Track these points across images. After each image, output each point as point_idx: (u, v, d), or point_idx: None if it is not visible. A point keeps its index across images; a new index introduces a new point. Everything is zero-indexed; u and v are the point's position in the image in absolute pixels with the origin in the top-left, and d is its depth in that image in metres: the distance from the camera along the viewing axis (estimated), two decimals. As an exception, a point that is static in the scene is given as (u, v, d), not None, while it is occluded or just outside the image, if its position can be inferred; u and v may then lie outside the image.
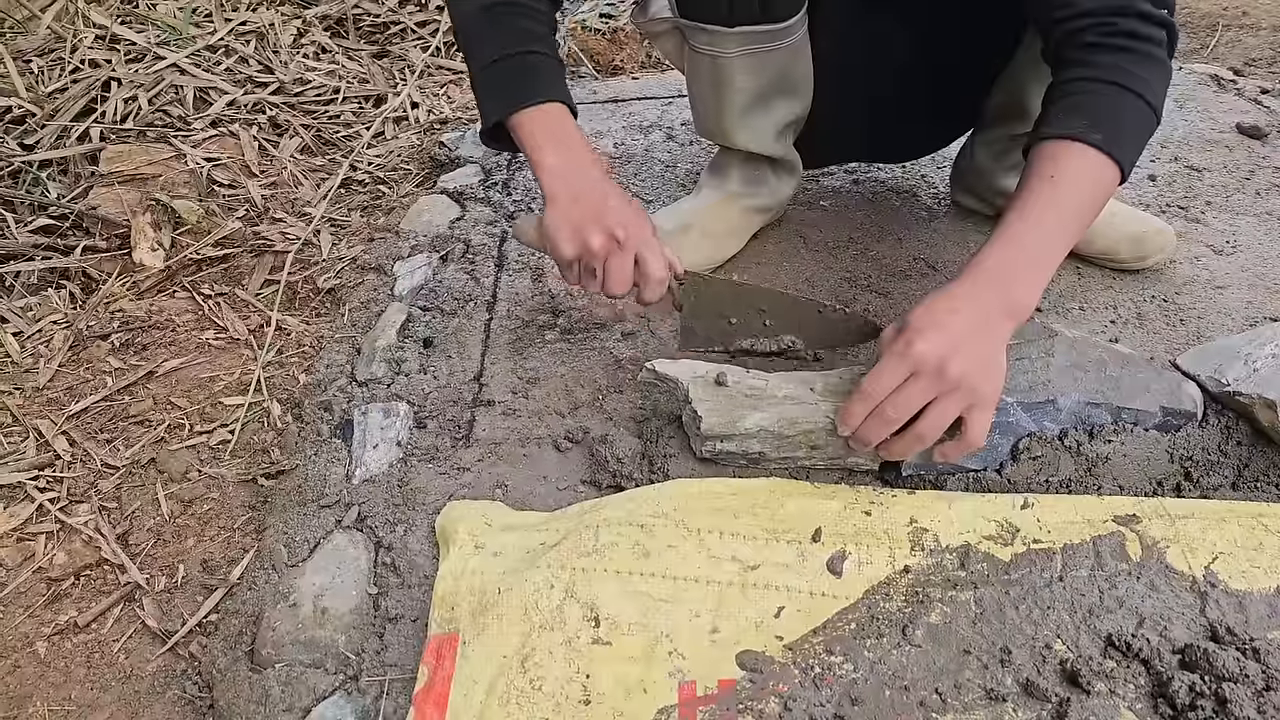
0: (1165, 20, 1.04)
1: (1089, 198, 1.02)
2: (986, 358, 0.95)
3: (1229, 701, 0.82)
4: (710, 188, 1.47)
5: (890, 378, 0.95)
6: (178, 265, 1.61)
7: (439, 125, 2.01)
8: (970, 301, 0.97)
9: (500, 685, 0.84)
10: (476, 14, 1.13)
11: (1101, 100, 1.03)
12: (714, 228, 1.44)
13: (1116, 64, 1.03)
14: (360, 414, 1.22)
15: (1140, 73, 1.03)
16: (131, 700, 0.99)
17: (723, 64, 1.29)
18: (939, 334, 0.94)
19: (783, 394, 1.09)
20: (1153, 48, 1.03)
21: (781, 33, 1.25)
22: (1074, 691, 0.87)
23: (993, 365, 0.96)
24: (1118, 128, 1.02)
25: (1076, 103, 1.04)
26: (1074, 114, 1.03)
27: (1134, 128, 1.04)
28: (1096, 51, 1.03)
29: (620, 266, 1.08)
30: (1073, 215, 1.01)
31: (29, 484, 1.22)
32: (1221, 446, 1.10)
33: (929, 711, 0.86)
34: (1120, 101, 1.02)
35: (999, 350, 0.97)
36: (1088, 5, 1.04)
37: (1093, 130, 1.00)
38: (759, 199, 1.46)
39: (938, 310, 0.97)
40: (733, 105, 1.34)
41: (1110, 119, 1.02)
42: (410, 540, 1.07)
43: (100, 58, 1.99)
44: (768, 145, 1.39)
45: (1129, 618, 0.92)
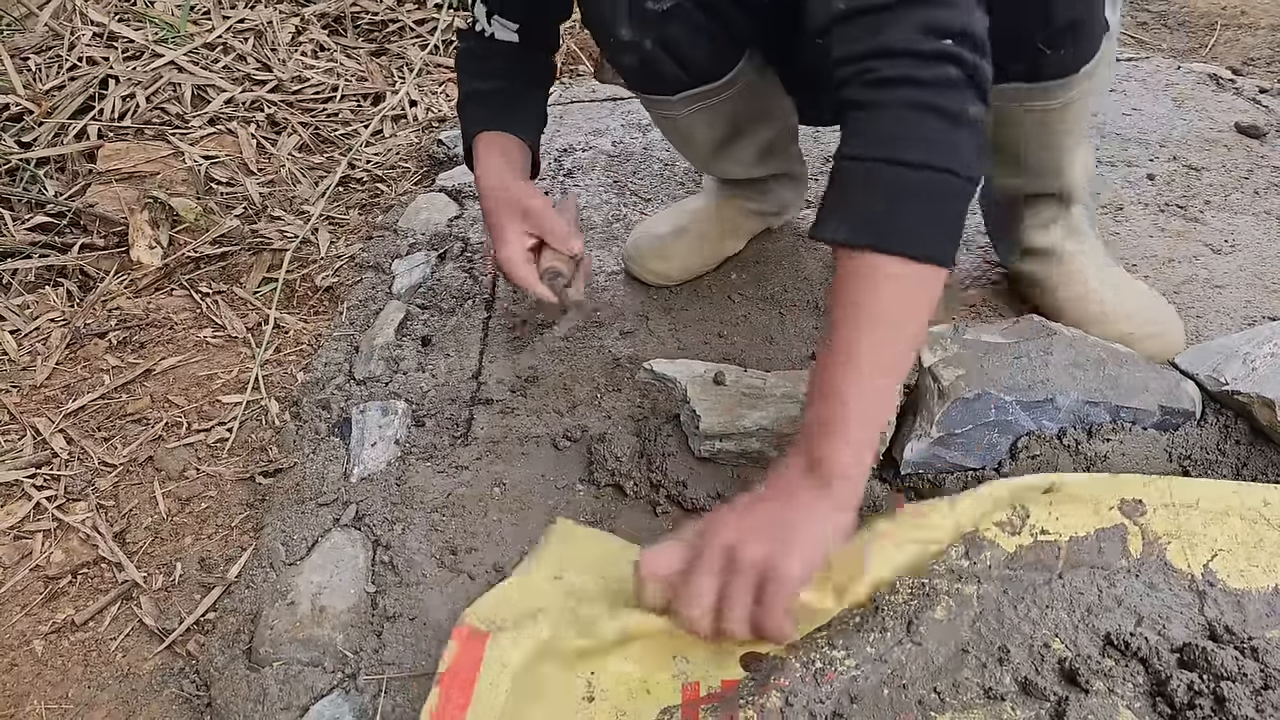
0: (948, 53, 0.81)
1: (910, 319, 0.85)
2: (778, 528, 0.82)
3: (1227, 700, 0.82)
4: (711, 192, 1.47)
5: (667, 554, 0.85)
6: (175, 263, 1.60)
7: (437, 123, 2.01)
8: (771, 479, 0.86)
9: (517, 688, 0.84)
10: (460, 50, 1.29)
11: (877, 188, 0.83)
12: (710, 230, 1.43)
13: (893, 131, 0.82)
14: (358, 412, 1.22)
15: (928, 136, 0.82)
16: (129, 698, 0.99)
17: (681, 123, 1.28)
18: (723, 512, 0.85)
19: (781, 392, 1.09)
20: (938, 94, 0.81)
21: (724, 85, 1.22)
22: (1072, 690, 0.87)
23: (788, 534, 0.81)
24: (910, 220, 0.82)
25: (850, 196, 0.85)
26: (852, 211, 0.84)
27: (932, 212, 0.83)
28: (869, 112, 0.83)
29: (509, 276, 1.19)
30: (879, 351, 0.84)
31: (26, 482, 1.22)
32: (1220, 445, 1.10)
33: (927, 710, 0.86)
34: (905, 185, 0.82)
35: (802, 520, 0.82)
36: (847, 49, 0.84)
37: (881, 233, 0.82)
38: (759, 204, 1.45)
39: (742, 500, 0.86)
40: (702, 151, 1.35)
41: (895, 211, 0.82)
42: (408, 539, 1.07)
43: (98, 55, 1.99)
44: (752, 170, 1.38)
45: (1127, 616, 0.92)
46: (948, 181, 0.82)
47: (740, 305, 1.39)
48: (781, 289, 1.42)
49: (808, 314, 1.37)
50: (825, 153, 1.74)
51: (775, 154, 1.39)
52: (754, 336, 1.33)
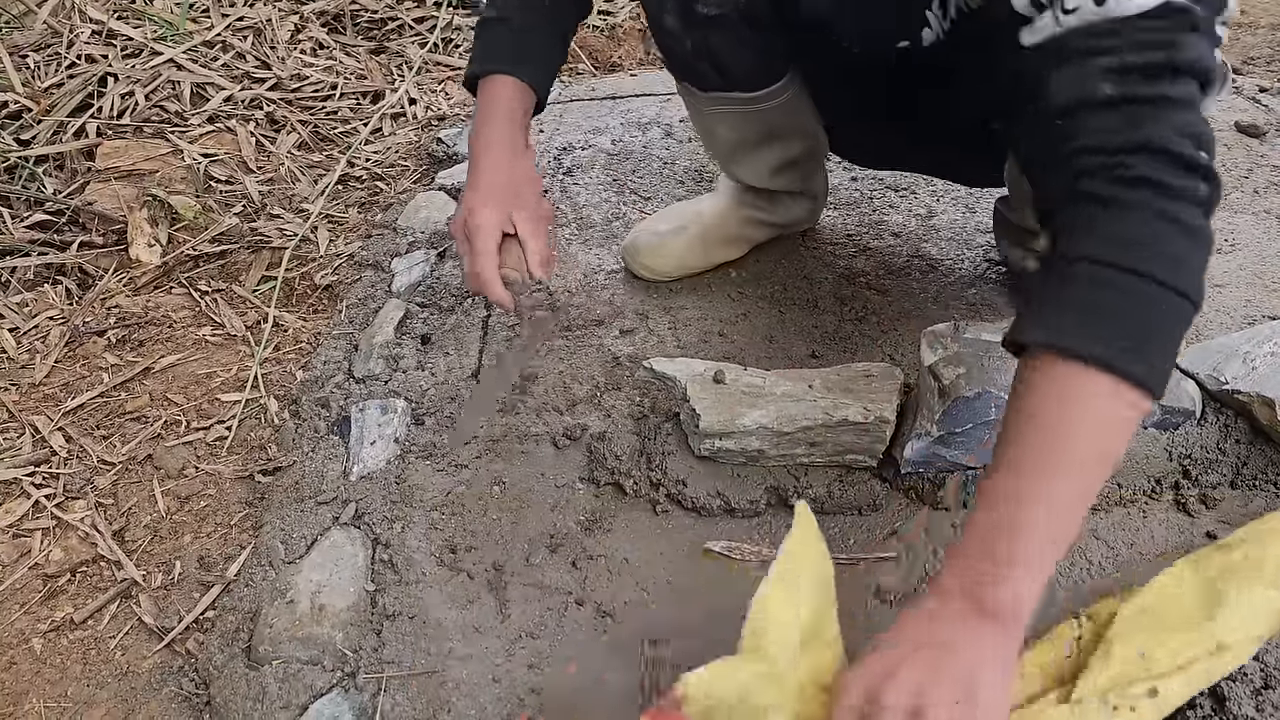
0: (1204, 166, 0.74)
1: (1109, 444, 0.75)
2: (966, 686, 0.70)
3: (1227, 699, 0.82)
4: (721, 195, 1.46)
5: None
6: (174, 261, 1.60)
7: (436, 121, 2.01)
8: (937, 623, 0.74)
9: None
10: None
11: (1120, 299, 0.73)
12: (711, 234, 1.42)
13: (1149, 241, 0.73)
14: (358, 410, 1.22)
15: (1180, 254, 0.74)
16: (128, 697, 0.99)
17: (705, 116, 1.29)
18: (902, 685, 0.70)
19: (781, 391, 1.09)
20: (1188, 209, 0.74)
21: (757, 99, 1.22)
22: (1072, 689, 0.86)
23: (976, 691, 0.71)
24: (1143, 340, 0.73)
25: (1084, 299, 0.74)
26: (1080, 316, 0.74)
27: (1163, 335, 0.75)
28: (1119, 213, 0.74)
29: (466, 264, 1.08)
30: (1085, 481, 0.74)
31: (25, 480, 1.22)
32: (1220, 445, 1.10)
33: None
34: (1165, 307, 0.73)
35: (982, 668, 0.72)
36: (1106, 138, 0.75)
37: (1128, 353, 0.72)
38: (766, 214, 1.44)
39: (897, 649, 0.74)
40: (720, 149, 1.35)
41: (1132, 328, 0.73)
42: (408, 537, 1.07)
43: (97, 53, 1.98)
44: (765, 181, 1.37)
45: (1127, 615, 0.91)
46: (1183, 308, 0.74)
47: (740, 304, 1.39)
48: (781, 288, 1.42)
49: (808, 313, 1.37)
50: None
51: (794, 171, 1.38)
52: (754, 335, 1.33)
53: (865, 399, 1.07)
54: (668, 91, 1.99)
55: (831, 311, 1.37)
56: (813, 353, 1.30)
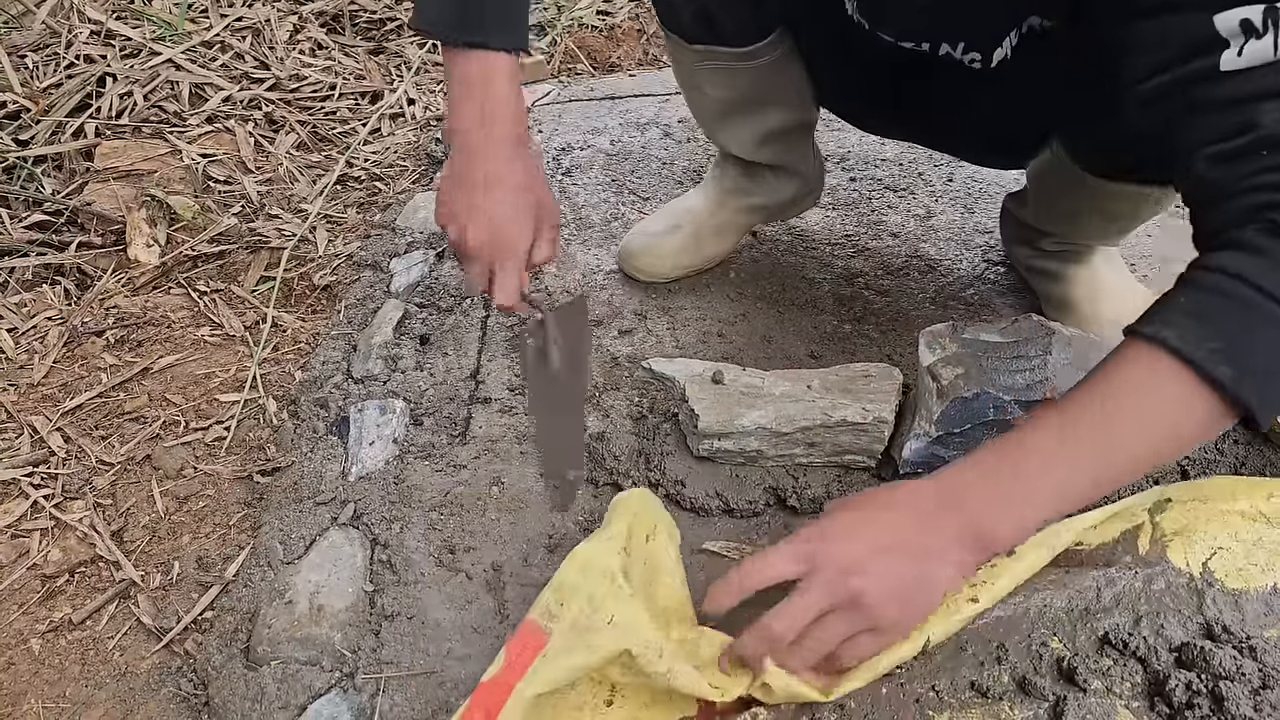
0: None
1: (1168, 446, 0.76)
2: (907, 583, 0.76)
3: (1225, 699, 0.82)
4: (707, 185, 1.46)
5: (773, 565, 0.78)
6: (173, 261, 1.60)
7: (435, 122, 2.01)
8: (927, 512, 0.77)
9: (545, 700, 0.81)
10: None
11: (1258, 322, 0.71)
12: (704, 228, 1.41)
13: None
14: (356, 411, 1.22)
15: None
16: (126, 697, 0.99)
17: (692, 73, 1.26)
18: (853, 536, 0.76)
19: (779, 391, 1.09)
20: None
21: (744, 56, 1.19)
22: (1070, 689, 0.87)
23: (913, 593, 0.76)
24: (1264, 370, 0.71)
25: (1217, 310, 0.73)
26: (1209, 325, 0.72)
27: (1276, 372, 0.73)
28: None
29: (471, 273, 0.98)
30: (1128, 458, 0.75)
31: (23, 480, 1.22)
32: (1218, 445, 1.10)
33: (925, 709, 0.86)
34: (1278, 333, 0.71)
35: (933, 578, 0.77)
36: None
37: (1226, 360, 0.71)
38: (755, 198, 1.42)
39: (869, 504, 0.80)
40: (707, 113, 1.33)
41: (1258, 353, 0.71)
42: (406, 537, 1.07)
43: (95, 53, 1.98)
44: (749, 151, 1.34)
45: (1125, 615, 0.92)
46: None
47: (739, 304, 1.39)
48: (780, 289, 1.42)
49: (806, 313, 1.37)
50: (824, 151, 1.74)
51: (779, 143, 1.35)
52: (752, 336, 1.33)
53: (864, 399, 1.07)
54: (666, 92, 1.99)
55: (830, 312, 1.37)
56: (811, 353, 1.30)
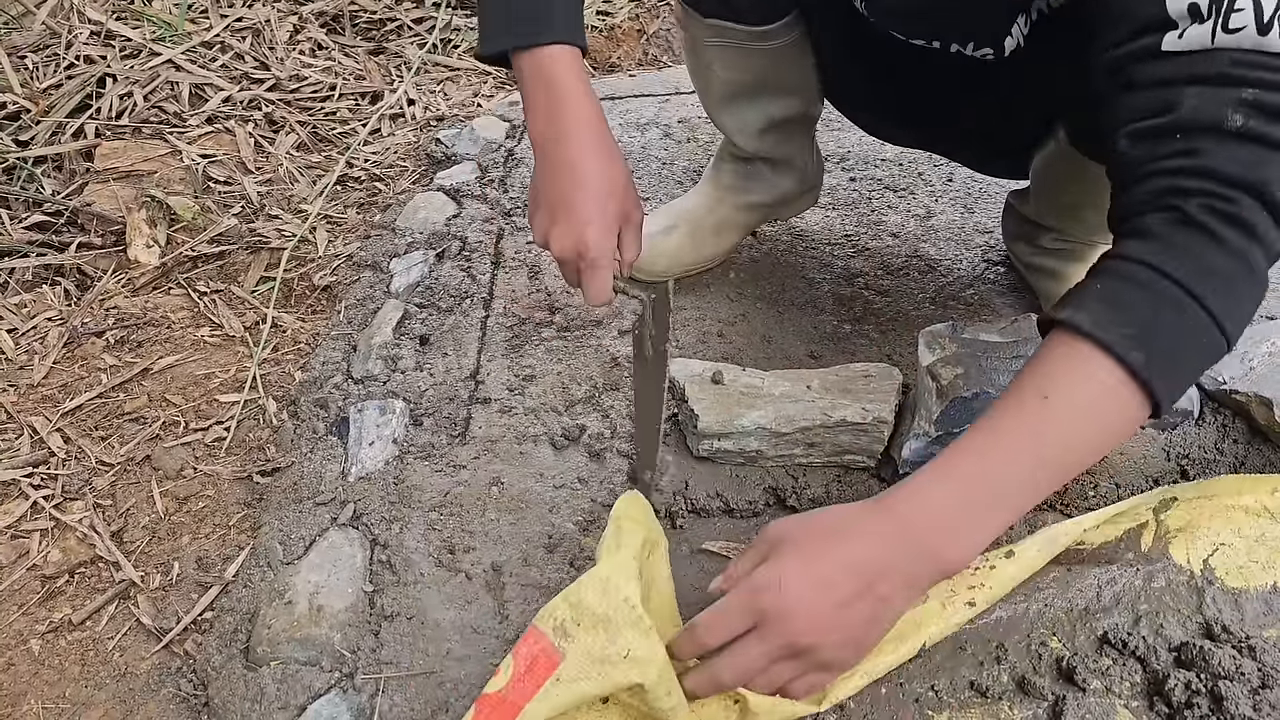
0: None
1: (1095, 439, 0.78)
2: (860, 628, 0.76)
3: (1225, 699, 0.82)
4: (705, 184, 1.44)
5: (728, 624, 0.76)
6: (173, 262, 1.60)
7: (435, 122, 2.01)
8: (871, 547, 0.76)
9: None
10: None
11: (1165, 309, 0.74)
12: (701, 227, 1.40)
13: (1212, 269, 0.73)
14: (356, 411, 1.22)
15: (1236, 292, 0.75)
16: (126, 698, 0.99)
17: (702, 49, 1.25)
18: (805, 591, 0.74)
19: (779, 391, 1.09)
20: (1265, 256, 0.75)
21: (758, 36, 1.18)
22: (1070, 689, 0.87)
23: (865, 635, 0.77)
24: (1172, 355, 0.74)
25: (1131, 296, 0.75)
26: (1119, 309, 0.75)
27: (1193, 360, 0.77)
28: (1195, 234, 0.73)
29: (573, 277, 0.97)
30: (1061, 458, 0.77)
31: (23, 481, 1.22)
32: (1218, 444, 1.10)
33: (924, 708, 0.86)
34: (1191, 322, 0.74)
35: (880, 625, 0.78)
36: (1219, 167, 0.73)
37: (1139, 347, 0.73)
38: (752, 195, 1.41)
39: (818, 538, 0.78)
40: (713, 94, 1.31)
41: (1166, 338, 0.74)
42: (406, 538, 1.07)
43: (95, 54, 1.98)
44: (751, 139, 1.33)
45: (1125, 615, 0.92)
46: (1220, 345, 0.76)
47: (738, 304, 1.39)
48: (779, 289, 1.42)
49: (806, 313, 1.37)
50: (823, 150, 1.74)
51: (781, 133, 1.34)
52: (752, 336, 1.33)
53: (863, 399, 1.07)
54: (666, 92, 1.99)
55: (830, 312, 1.37)
56: (811, 353, 1.30)
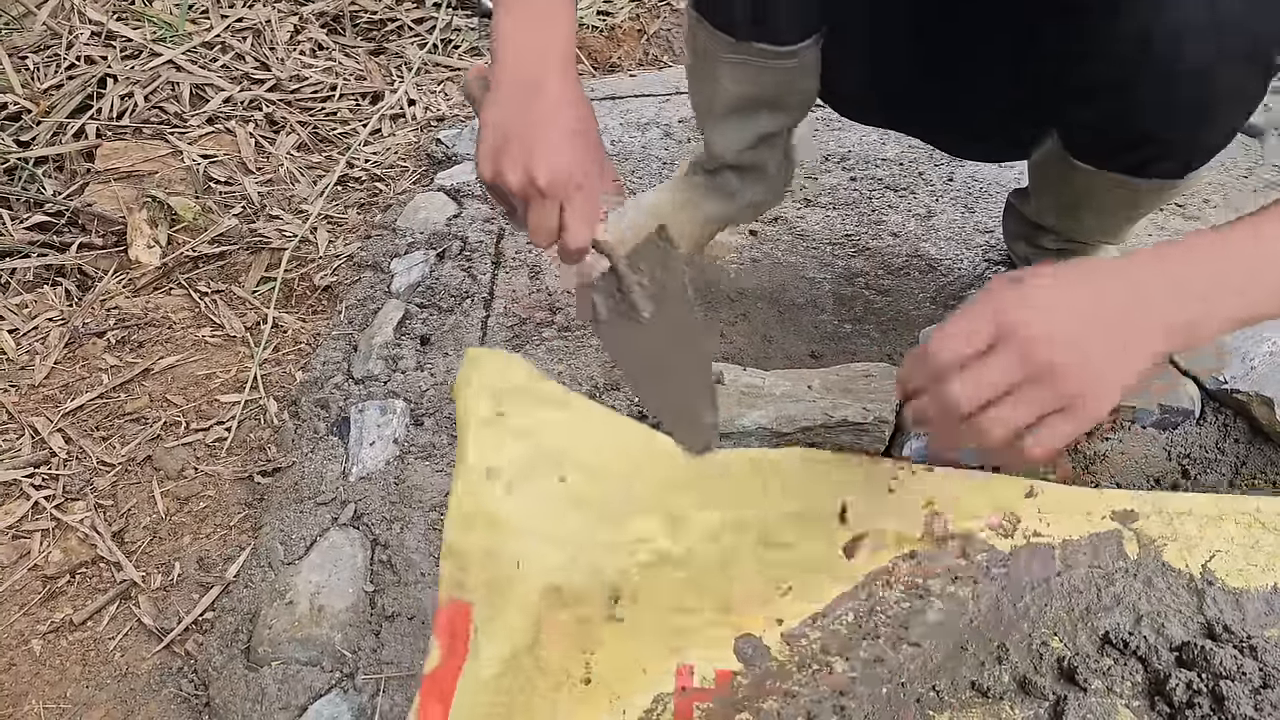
0: None
1: None
2: (1105, 359, 0.69)
3: (1226, 699, 0.82)
4: (673, 185, 1.38)
5: (962, 337, 0.70)
6: (174, 262, 1.60)
7: (436, 122, 2.01)
8: (1123, 284, 0.72)
9: (507, 677, 0.81)
10: None
11: None
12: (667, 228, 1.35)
13: None
14: (357, 411, 1.22)
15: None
16: (127, 698, 0.99)
17: (715, 64, 1.20)
18: (1050, 307, 0.69)
19: (780, 391, 1.09)
20: None
21: (783, 55, 1.14)
22: (1071, 689, 0.87)
23: (1109, 371, 0.70)
24: None
25: None
26: None
27: None
28: None
29: (539, 217, 0.83)
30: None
31: (24, 481, 1.22)
32: (1219, 444, 1.10)
33: (926, 709, 0.86)
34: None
35: (1131, 361, 0.71)
36: None
37: None
38: (726, 206, 1.36)
39: (1069, 274, 0.72)
40: (715, 102, 1.25)
41: None
42: (407, 538, 1.07)
43: (96, 54, 1.98)
44: (742, 153, 1.29)
45: (1126, 615, 0.92)
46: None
47: (739, 304, 1.39)
48: (781, 288, 1.42)
49: (807, 313, 1.37)
50: (824, 150, 1.74)
51: (771, 145, 1.31)
52: (752, 335, 1.33)
53: (864, 399, 1.07)
54: (667, 92, 1.99)
55: (831, 312, 1.37)
56: (812, 353, 1.30)
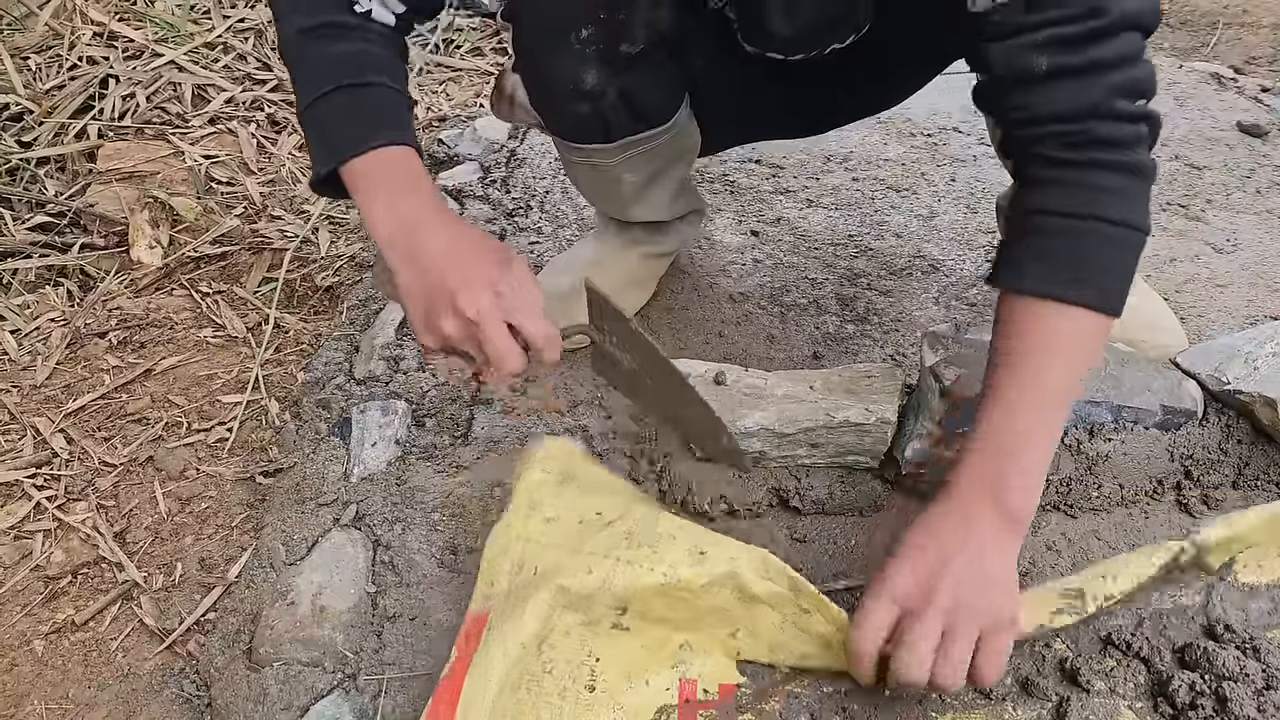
0: (1144, 113, 0.85)
1: (1081, 366, 0.88)
2: (983, 575, 0.82)
3: (1229, 700, 0.82)
4: (609, 233, 1.35)
5: (877, 620, 0.82)
6: (176, 263, 1.60)
7: (437, 123, 2.01)
8: (954, 518, 0.84)
9: (514, 674, 0.82)
10: (298, 39, 0.90)
11: (1083, 243, 0.85)
12: (614, 280, 1.28)
13: (1093, 187, 0.85)
14: (358, 412, 1.21)
15: (1122, 192, 0.85)
16: (129, 699, 0.99)
17: (609, 171, 1.18)
18: (916, 561, 0.82)
19: (782, 392, 1.09)
20: (1130, 153, 0.85)
21: (666, 130, 1.16)
22: (1073, 690, 0.87)
23: (992, 582, 0.82)
24: (1106, 274, 0.86)
25: (1050, 247, 0.86)
26: (1051, 262, 0.85)
27: (1122, 266, 0.87)
28: (1066, 170, 0.85)
29: (496, 348, 0.83)
30: (1064, 393, 0.87)
31: (26, 482, 1.22)
32: (1222, 445, 1.10)
33: (929, 710, 0.86)
34: (1105, 239, 0.85)
35: (1004, 566, 0.83)
36: (1049, 109, 0.84)
37: (1076, 284, 0.84)
38: (661, 245, 1.35)
39: (914, 538, 0.85)
40: (621, 196, 1.24)
41: (1096, 265, 0.85)
42: (408, 538, 1.07)
43: (98, 55, 1.98)
44: (665, 212, 1.29)
45: (1128, 616, 0.91)
46: (1140, 242, 0.87)
47: (741, 305, 1.39)
48: (782, 289, 1.41)
49: (809, 314, 1.37)
50: (826, 150, 1.74)
51: (685, 192, 1.31)
52: (755, 336, 1.33)
53: (866, 400, 1.07)
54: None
55: (833, 312, 1.37)
56: (814, 353, 1.30)
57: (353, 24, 0.89)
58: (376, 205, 0.87)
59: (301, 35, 0.89)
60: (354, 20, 0.89)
